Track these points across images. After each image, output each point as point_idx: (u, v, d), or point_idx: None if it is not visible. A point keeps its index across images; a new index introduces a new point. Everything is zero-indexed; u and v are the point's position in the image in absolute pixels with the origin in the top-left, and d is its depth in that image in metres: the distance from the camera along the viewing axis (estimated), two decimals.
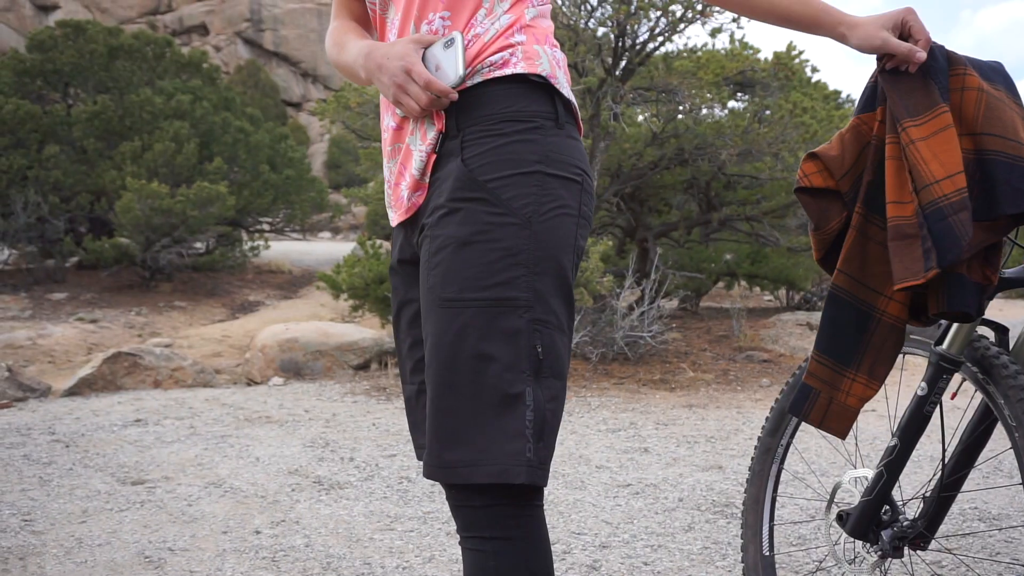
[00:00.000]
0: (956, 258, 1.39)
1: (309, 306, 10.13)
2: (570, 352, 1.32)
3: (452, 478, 1.25)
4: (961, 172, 1.40)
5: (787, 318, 7.59)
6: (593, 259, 5.83)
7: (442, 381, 1.26)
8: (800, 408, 1.64)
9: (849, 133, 1.55)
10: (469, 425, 1.23)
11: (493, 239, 1.24)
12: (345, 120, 7.76)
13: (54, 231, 10.53)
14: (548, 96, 1.31)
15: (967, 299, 1.45)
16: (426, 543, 2.78)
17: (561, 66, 1.35)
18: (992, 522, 2.91)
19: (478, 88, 1.29)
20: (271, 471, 3.69)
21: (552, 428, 1.25)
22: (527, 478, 1.21)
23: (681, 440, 4.25)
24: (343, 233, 21.70)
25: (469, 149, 1.28)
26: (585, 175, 1.33)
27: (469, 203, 1.26)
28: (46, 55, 11.35)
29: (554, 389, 1.26)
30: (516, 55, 1.30)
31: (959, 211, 1.39)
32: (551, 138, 1.29)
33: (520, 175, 1.26)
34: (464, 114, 1.29)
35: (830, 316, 1.58)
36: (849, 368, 1.58)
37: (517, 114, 1.28)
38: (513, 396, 1.22)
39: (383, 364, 6.43)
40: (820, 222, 1.58)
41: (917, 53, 1.44)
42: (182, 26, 37.81)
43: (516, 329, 1.23)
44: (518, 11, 1.32)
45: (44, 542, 2.82)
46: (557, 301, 1.27)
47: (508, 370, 1.22)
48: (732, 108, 7.75)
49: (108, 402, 5.35)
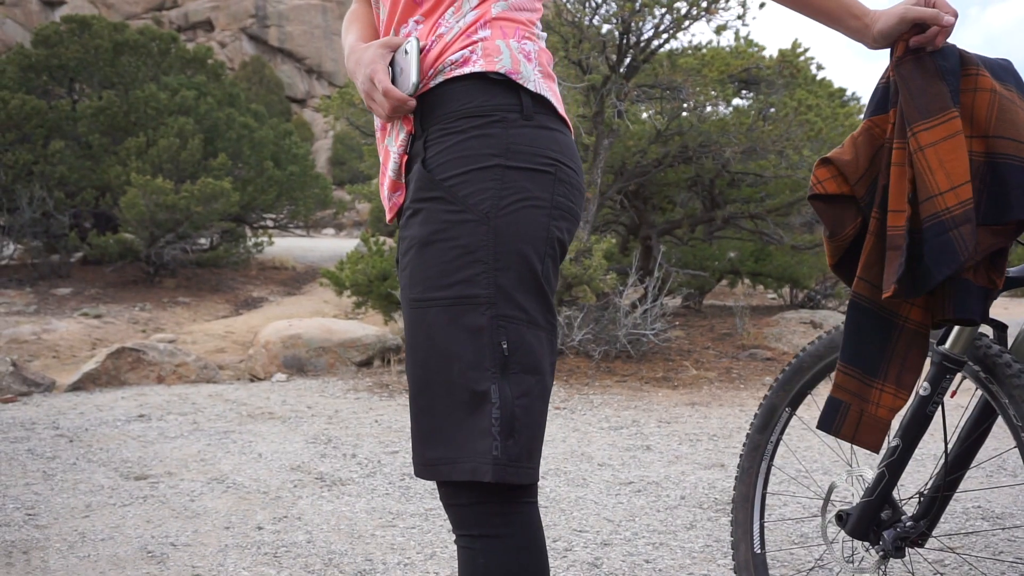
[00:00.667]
0: (951, 272, 1.39)
1: (312, 302, 10.15)
2: (552, 345, 1.29)
3: (434, 476, 1.25)
4: (967, 182, 1.38)
5: (790, 316, 7.58)
6: (596, 256, 5.82)
7: (417, 380, 1.27)
8: (831, 423, 1.59)
9: (862, 136, 1.53)
10: (445, 423, 1.24)
11: (451, 237, 1.24)
12: (349, 116, 7.77)
13: (59, 226, 10.55)
14: (512, 89, 1.28)
15: (972, 306, 1.45)
16: (427, 540, 2.79)
17: (532, 58, 1.31)
18: (995, 521, 2.91)
19: (440, 87, 1.28)
20: (273, 467, 3.70)
21: (526, 424, 1.23)
22: (494, 476, 1.20)
23: (683, 438, 4.25)
24: (347, 230, 21.71)
25: (431, 148, 1.28)
26: (559, 164, 1.29)
27: (429, 203, 1.26)
28: (52, 50, 11.37)
29: (525, 384, 1.23)
30: (476, 52, 1.28)
31: (961, 224, 1.37)
32: (514, 130, 1.26)
33: (477, 170, 1.24)
34: (428, 114, 1.29)
35: (854, 325, 1.55)
36: (876, 378, 1.55)
37: (476, 110, 1.27)
38: (479, 394, 1.21)
39: (386, 361, 6.44)
40: (835, 229, 1.55)
41: (944, 17, 1.43)
42: (187, 22, 37.85)
43: (478, 326, 1.22)
44: (485, 7, 1.31)
45: (48, 536, 2.83)
46: (525, 296, 1.24)
47: (473, 368, 1.22)
48: (737, 105, 7.73)
49: (112, 397, 5.36)
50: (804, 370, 1.92)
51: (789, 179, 7.50)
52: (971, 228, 1.38)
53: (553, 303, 1.30)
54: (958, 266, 1.38)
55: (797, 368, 1.93)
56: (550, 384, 1.29)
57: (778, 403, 1.97)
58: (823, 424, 1.61)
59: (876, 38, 1.48)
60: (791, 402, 1.96)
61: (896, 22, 1.45)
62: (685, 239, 8.78)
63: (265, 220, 13.15)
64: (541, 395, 1.26)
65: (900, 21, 1.45)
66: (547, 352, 1.28)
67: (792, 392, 1.95)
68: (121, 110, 10.90)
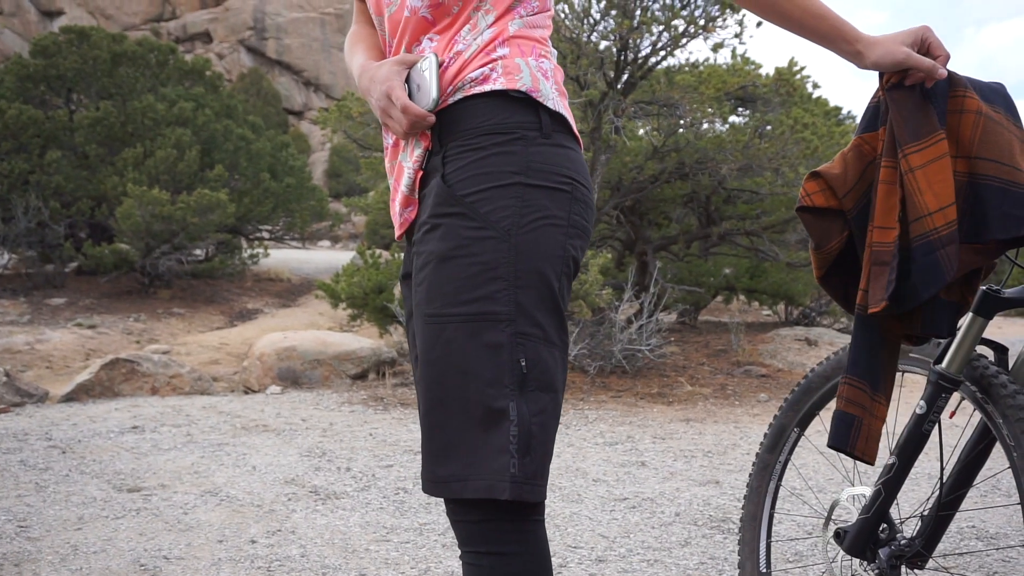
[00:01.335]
0: (936, 291, 1.42)
1: (307, 315, 10.14)
2: (564, 363, 1.30)
3: (445, 493, 1.25)
4: (953, 204, 1.41)
5: (785, 333, 7.59)
6: (592, 272, 5.83)
7: (431, 396, 1.26)
8: (846, 440, 1.57)
9: (851, 152, 1.56)
10: (458, 440, 1.23)
11: (472, 253, 1.24)
12: (346, 129, 7.78)
13: (54, 236, 10.54)
14: (531, 107, 1.29)
15: (940, 322, 1.48)
16: (422, 555, 2.78)
17: (550, 76, 1.32)
18: (990, 541, 2.91)
19: (460, 104, 1.28)
20: (267, 480, 3.68)
21: (541, 442, 1.23)
22: (512, 494, 1.20)
23: (678, 454, 4.25)
24: (343, 242, 21.73)
25: (450, 164, 1.28)
26: (576, 183, 1.30)
27: (448, 218, 1.26)
28: (50, 60, 11.39)
29: (541, 402, 1.24)
30: (496, 70, 1.28)
31: (947, 244, 1.40)
32: (534, 148, 1.27)
33: (498, 188, 1.25)
34: (447, 130, 1.29)
35: (863, 339, 1.55)
36: (878, 392, 1.57)
37: (497, 127, 1.27)
38: (497, 411, 1.21)
39: (381, 374, 6.42)
40: (821, 241, 1.58)
41: (939, 69, 1.45)
42: (186, 33, 37.95)
43: (498, 343, 1.22)
44: (502, 24, 1.31)
45: (39, 548, 2.81)
46: (542, 313, 1.25)
47: (491, 385, 1.22)
48: (733, 123, 7.77)
49: (105, 408, 5.34)
50: (813, 391, 1.93)
51: (785, 196, 7.53)
52: (956, 248, 1.41)
53: (566, 321, 1.31)
54: (944, 285, 1.41)
55: (806, 388, 1.94)
56: (561, 402, 1.30)
57: (787, 423, 1.98)
58: (836, 441, 1.58)
59: (869, 66, 1.49)
60: (800, 422, 1.97)
61: (891, 63, 1.46)
62: (681, 255, 8.80)
63: (261, 232, 13.15)
64: (555, 413, 1.27)
65: (895, 64, 1.46)
66: (560, 370, 1.28)
67: (801, 412, 1.95)
68: (118, 121, 10.91)
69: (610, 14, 6.36)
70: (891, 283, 1.42)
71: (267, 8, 37.55)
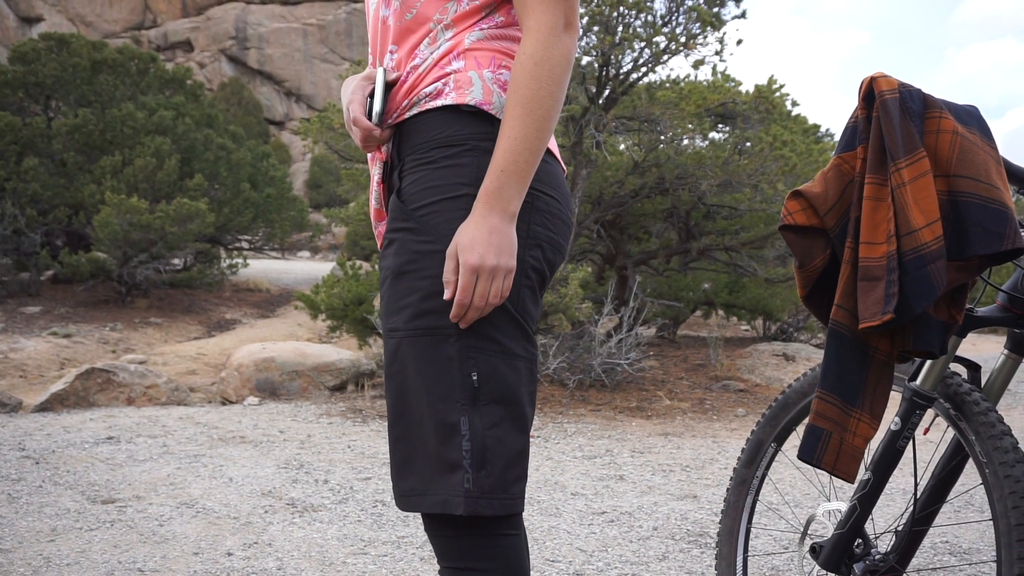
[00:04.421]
0: (929, 304, 1.43)
1: (286, 325, 10.09)
2: (531, 374, 1.28)
3: (406, 507, 1.25)
4: (938, 220, 1.44)
5: (763, 348, 7.64)
6: (572, 285, 5.85)
7: (392, 410, 1.27)
8: (812, 453, 1.58)
9: (831, 171, 1.58)
10: (417, 454, 1.24)
11: (421, 268, 1.24)
12: (328, 140, 7.77)
13: (30, 244, 10.43)
14: (485, 118, 1.26)
15: (932, 338, 1.49)
16: (399, 568, 2.77)
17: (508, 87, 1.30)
18: (963, 556, 2.93)
19: (415, 118, 1.29)
20: (244, 492, 3.66)
21: (498, 455, 1.22)
22: (466, 509, 1.19)
23: (656, 468, 4.26)
24: (322, 253, 21.66)
25: (406, 178, 1.29)
26: (536, 193, 1.27)
27: (401, 233, 1.27)
28: (29, 67, 11.31)
29: (495, 416, 1.22)
30: (448, 85, 1.27)
31: (936, 259, 1.42)
32: (487, 159, 1.23)
33: (447, 200, 1.24)
34: (404, 145, 1.30)
35: (835, 353, 1.56)
36: (855, 407, 1.57)
37: (449, 139, 1.26)
38: (450, 425, 1.21)
39: (360, 386, 6.40)
40: (805, 259, 1.59)
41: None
42: (167, 42, 37.77)
43: (448, 357, 1.22)
44: (458, 38, 1.29)
45: (11, 560, 2.77)
46: (495, 326, 1.23)
47: (442, 400, 1.21)
48: (713, 139, 7.84)
49: (80, 418, 5.28)
50: (790, 406, 1.94)
51: (763, 213, 7.60)
52: (944, 263, 1.43)
53: (531, 331, 1.29)
54: (935, 299, 1.42)
55: (783, 404, 1.96)
56: (530, 413, 1.28)
57: (764, 438, 1.99)
58: (804, 454, 1.60)
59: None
60: (776, 437, 1.98)
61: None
62: (660, 270, 8.85)
63: (240, 242, 13.09)
64: (516, 425, 1.24)
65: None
66: (524, 381, 1.26)
67: (778, 428, 1.97)
68: (97, 128, 10.84)
69: (592, 30, 6.41)
70: (893, 296, 1.43)
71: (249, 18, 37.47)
